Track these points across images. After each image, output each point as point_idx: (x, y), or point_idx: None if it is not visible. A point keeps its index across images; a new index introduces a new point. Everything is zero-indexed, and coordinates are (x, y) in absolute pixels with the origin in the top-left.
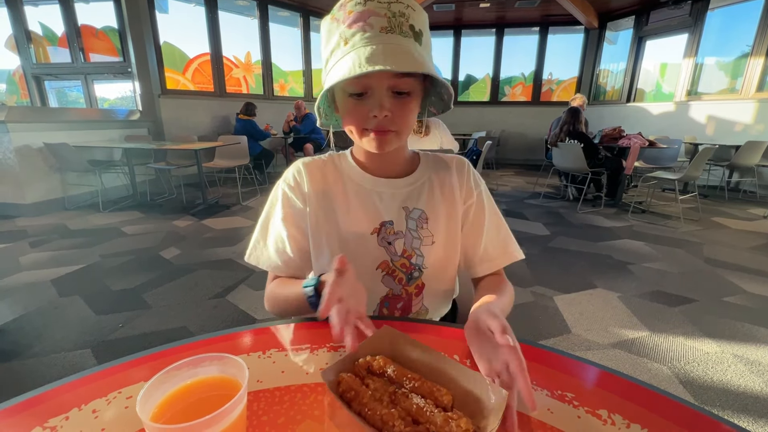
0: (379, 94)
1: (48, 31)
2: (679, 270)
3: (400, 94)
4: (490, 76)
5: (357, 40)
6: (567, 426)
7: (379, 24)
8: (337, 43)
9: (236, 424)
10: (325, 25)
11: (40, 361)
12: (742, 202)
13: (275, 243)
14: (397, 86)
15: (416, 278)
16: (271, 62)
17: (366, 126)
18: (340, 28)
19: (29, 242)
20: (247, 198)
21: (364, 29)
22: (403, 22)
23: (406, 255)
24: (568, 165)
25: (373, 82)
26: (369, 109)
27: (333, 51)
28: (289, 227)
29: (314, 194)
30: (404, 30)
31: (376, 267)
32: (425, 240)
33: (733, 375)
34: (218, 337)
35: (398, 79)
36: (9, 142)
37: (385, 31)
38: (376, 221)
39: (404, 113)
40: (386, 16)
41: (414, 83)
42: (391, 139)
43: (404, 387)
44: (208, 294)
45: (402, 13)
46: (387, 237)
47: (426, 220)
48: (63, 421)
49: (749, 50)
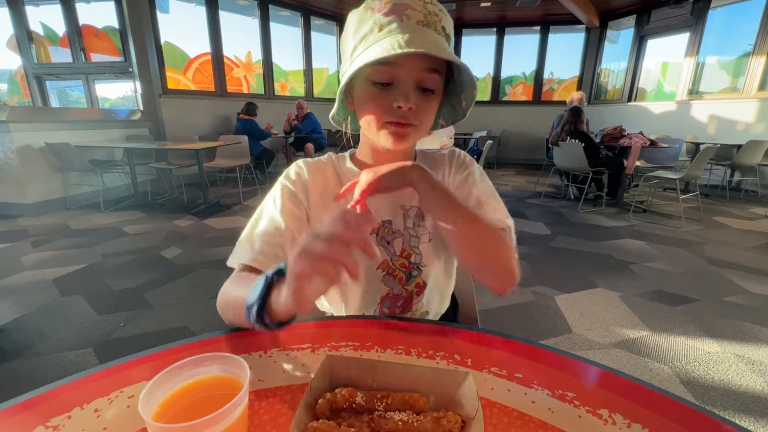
0: (406, 86)
1: (49, 31)
2: (681, 269)
3: (425, 91)
4: (491, 75)
5: (394, 27)
6: (568, 426)
7: (416, 18)
8: (371, 29)
9: (238, 423)
10: (355, 14)
11: (42, 361)
12: (744, 201)
13: (265, 233)
14: (424, 82)
15: (415, 277)
16: (272, 62)
17: (387, 117)
18: (375, 16)
19: (31, 242)
20: (248, 198)
21: (402, 19)
22: (436, 21)
23: (405, 254)
24: (569, 164)
25: (403, 72)
26: (394, 99)
27: (365, 37)
28: (287, 218)
29: (316, 192)
30: (438, 29)
31: (376, 267)
32: (422, 237)
33: (734, 375)
34: (219, 337)
35: (427, 74)
36: (10, 142)
37: (422, 24)
38: (376, 221)
39: (427, 109)
40: (422, 12)
41: (439, 82)
42: (410, 134)
43: (378, 409)
44: (209, 293)
45: (435, 14)
46: (386, 236)
47: (422, 217)
48: (65, 420)
49: (751, 49)
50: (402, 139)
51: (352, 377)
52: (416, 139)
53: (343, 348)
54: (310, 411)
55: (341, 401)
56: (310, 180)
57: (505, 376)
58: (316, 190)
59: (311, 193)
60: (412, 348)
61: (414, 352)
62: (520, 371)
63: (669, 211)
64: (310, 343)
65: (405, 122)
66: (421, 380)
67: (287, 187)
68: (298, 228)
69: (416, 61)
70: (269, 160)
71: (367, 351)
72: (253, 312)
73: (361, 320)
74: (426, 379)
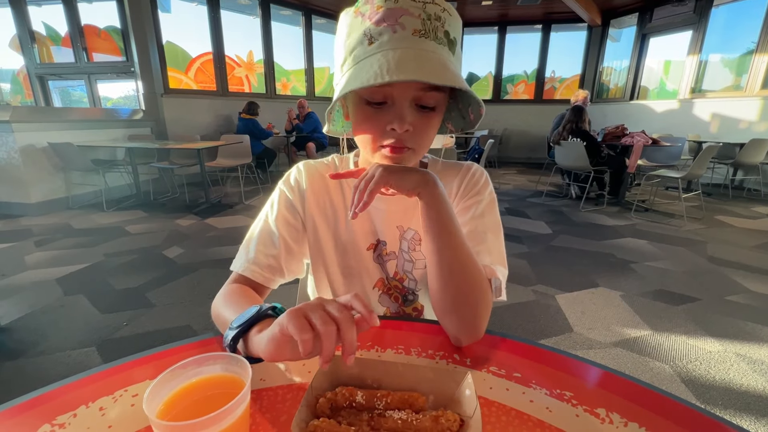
0: (401, 106)
1: (51, 31)
2: (682, 269)
3: (424, 109)
4: (493, 74)
5: (385, 40)
6: (565, 425)
7: (412, 26)
8: (360, 41)
9: (239, 421)
10: (345, 18)
11: (45, 359)
12: (746, 200)
13: (260, 241)
14: (422, 100)
15: (412, 301)
16: (274, 61)
17: (381, 140)
18: (365, 24)
19: (34, 241)
20: (250, 197)
21: (395, 29)
22: (438, 27)
23: (398, 278)
24: (570, 163)
25: (396, 92)
26: (388, 121)
27: (354, 49)
28: (281, 227)
29: (313, 197)
30: (439, 36)
31: (372, 286)
32: (417, 263)
33: (735, 374)
34: (222, 337)
35: (425, 92)
36: (13, 141)
37: (419, 34)
38: (373, 237)
39: (426, 130)
40: (420, 17)
41: (440, 98)
42: (407, 158)
43: (377, 408)
44: (211, 293)
45: (438, 17)
46: (382, 255)
47: (419, 242)
48: (71, 418)
49: (754, 47)
50: (398, 163)
51: (353, 376)
52: (416, 160)
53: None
54: (311, 410)
55: (341, 400)
56: (308, 186)
57: (503, 376)
58: (313, 197)
59: (308, 201)
60: (411, 347)
61: (414, 352)
62: (519, 371)
63: (671, 210)
64: None
65: (401, 146)
66: (421, 379)
67: (285, 194)
68: (293, 237)
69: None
70: (270, 160)
71: (368, 350)
72: (228, 339)
73: None
74: (425, 379)
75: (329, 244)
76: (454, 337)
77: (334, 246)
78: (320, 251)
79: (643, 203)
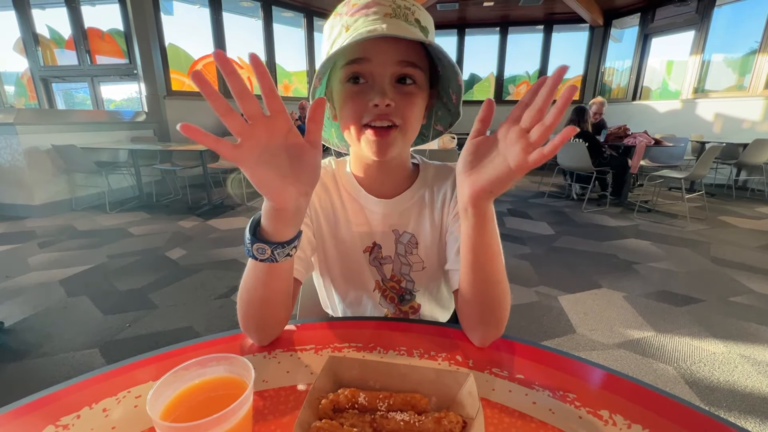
0: (381, 82)
1: (55, 34)
2: (686, 269)
3: (405, 85)
4: (495, 75)
5: (360, 24)
6: (568, 427)
7: (383, 11)
8: (339, 33)
9: (242, 422)
10: (328, 23)
11: (49, 360)
12: (750, 200)
13: None
14: (401, 72)
15: (409, 300)
16: (276, 63)
17: (365, 119)
18: (343, 19)
19: (38, 243)
20: (252, 198)
21: (367, 15)
22: (408, 14)
23: (395, 279)
24: (572, 164)
25: (375, 68)
26: (370, 98)
27: (334, 41)
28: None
29: (316, 197)
30: (410, 20)
31: (373, 288)
32: (415, 266)
33: (739, 376)
34: (225, 338)
35: (403, 67)
36: (18, 144)
37: (390, 16)
38: (369, 240)
39: (409, 107)
40: (390, 6)
41: (420, 78)
42: (395, 139)
43: (380, 409)
44: (213, 294)
45: (407, 8)
46: (378, 258)
47: (416, 245)
48: (75, 419)
49: (757, 47)
50: (387, 147)
51: (355, 378)
52: (404, 145)
53: (345, 349)
54: (314, 411)
55: (344, 401)
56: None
57: (506, 377)
58: (316, 198)
59: (312, 202)
60: (414, 349)
61: (416, 353)
62: (522, 372)
63: (674, 210)
64: (314, 345)
65: (385, 118)
66: (423, 381)
67: None
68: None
69: (388, 54)
70: None
71: (370, 352)
72: (248, 235)
73: (364, 322)
74: (428, 380)
75: (331, 245)
76: (482, 336)
77: (335, 247)
78: (323, 252)
79: (645, 204)
